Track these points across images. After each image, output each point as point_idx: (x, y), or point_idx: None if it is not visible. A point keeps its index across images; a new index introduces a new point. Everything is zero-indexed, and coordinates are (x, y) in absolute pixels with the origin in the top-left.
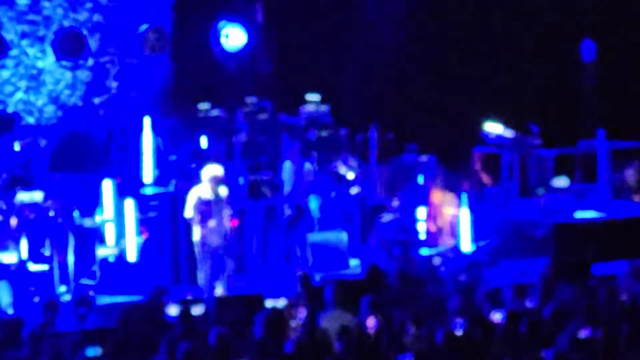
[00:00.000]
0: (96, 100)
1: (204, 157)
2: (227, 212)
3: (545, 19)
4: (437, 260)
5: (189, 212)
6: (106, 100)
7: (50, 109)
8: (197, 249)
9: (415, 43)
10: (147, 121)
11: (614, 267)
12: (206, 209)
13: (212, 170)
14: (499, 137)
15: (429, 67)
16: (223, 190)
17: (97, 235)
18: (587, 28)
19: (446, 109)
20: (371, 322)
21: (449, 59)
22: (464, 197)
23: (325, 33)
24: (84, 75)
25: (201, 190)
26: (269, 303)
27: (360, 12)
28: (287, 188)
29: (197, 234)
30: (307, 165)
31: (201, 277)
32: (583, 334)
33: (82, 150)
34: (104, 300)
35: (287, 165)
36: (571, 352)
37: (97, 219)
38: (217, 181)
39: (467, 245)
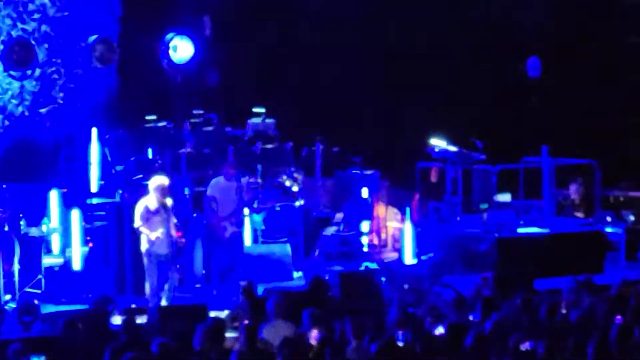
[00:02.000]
0: (43, 111)
1: (150, 168)
2: (173, 222)
3: (491, 36)
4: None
5: (137, 222)
6: (53, 111)
7: None
8: (144, 259)
9: (362, 58)
10: (94, 132)
11: (557, 282)
12: (153, 219)
13: (158, 180)
14: (443, 152)
15: (375, 82)
16: (169, 201)
17: (43, 244)
18: (532, 45)
19: (391, 123)
20: (314, 334)
21: (395, 74)
22: (408, 211)
23: (272, 47)
24: (31, 85)
25: (148, 201)
26: (212, 314)
27: (306, 27)
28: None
29: (144, 244)
30: (244, 180)
31: (147, 287)
32: (524, 346)
33: (28, 159)
34: (49, 308)
35: (219, 182)
36: None
37: (44, 228)
38: (163, 191)
39: (410, 258)
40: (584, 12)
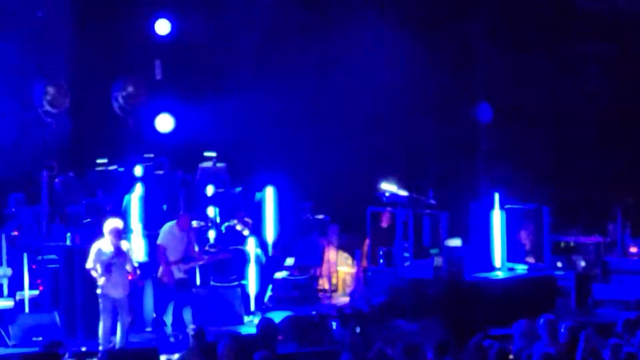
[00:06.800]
0: None
1: (101, 211)
2: (128, 265)
3: (442, 81)
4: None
5: (89, 263)
6: (3, 153)
7: None
8: (99, 301)
9: (310, 104)
10: (45, 175)
11: (509, 327)
12: (107, 262)
13: (113, 223)
14: (394, 196)
15: (325, 127)
16: (124, 244)
17: None
18: (483, 90)
19: (342, 169)
20: None
21: (345, 119)
22: (358, 255)
23: (223, 92)
24: None
25: (103, 244)
26: (163, 358)
27: (256, 73)
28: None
29: (98, 286)
30: (194, 224)
31: (101, 329)
32: None
33: None
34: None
35: (172, 229)
36: None
37: None
38: (117, 234)
39: (361, 302)
40: (533, 59)
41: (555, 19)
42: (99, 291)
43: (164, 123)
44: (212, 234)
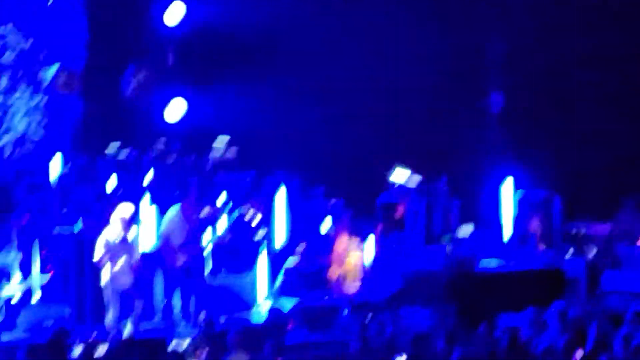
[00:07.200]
0: (5, 139)
1: (112, 198)
2: (136, 253)
3: (454, 70)
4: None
5: (98, 254)
6: (15, 139)
7: None
8: (106, 290)
9: (323, 88)
10: (56, 159)
11: (519, 316)
12: (115, 250)
13: (121, 211)
14: (406, 182)
15: (337, 113)
16: (132, 232)
17: (2, 274)
18: (495, 80)
19: (354, 155)
20: None
21: (359, 104)
22: (370, 241)
23: (235, 76)
24: None
25: (109, 233)
26: (173, 343)
27: (267, 57)
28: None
29: (106, 275)
30: (206, 210)
31: (109, 318)
32: None
33: None
34: (7, 338)
35: (175, 214)
36: None
37: (3, 257)
38: (126, 221)
39: (372, 289)
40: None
41: (565, 10)
42: (106, 280)
43: (176, 108)
44: (223, 220)
